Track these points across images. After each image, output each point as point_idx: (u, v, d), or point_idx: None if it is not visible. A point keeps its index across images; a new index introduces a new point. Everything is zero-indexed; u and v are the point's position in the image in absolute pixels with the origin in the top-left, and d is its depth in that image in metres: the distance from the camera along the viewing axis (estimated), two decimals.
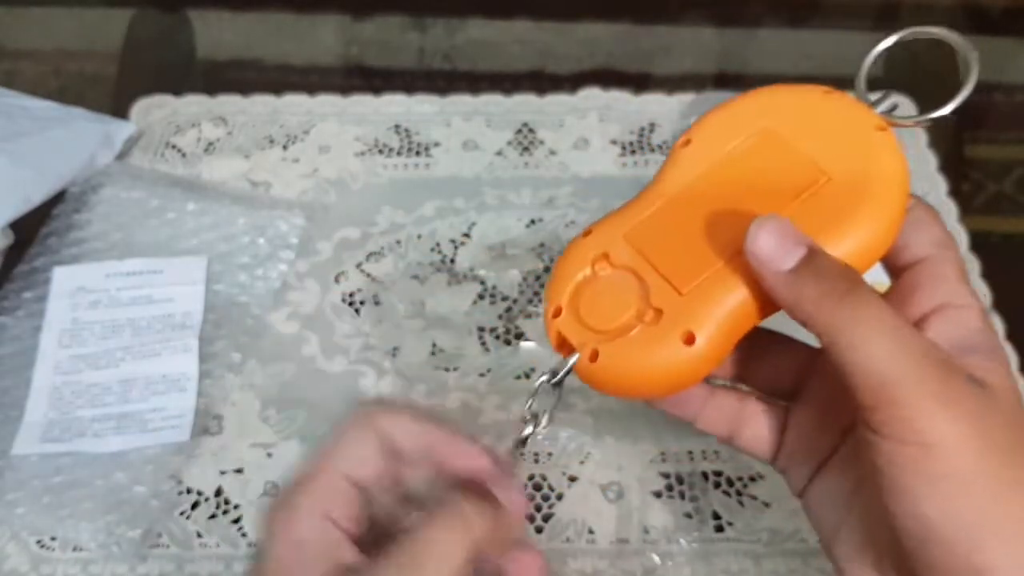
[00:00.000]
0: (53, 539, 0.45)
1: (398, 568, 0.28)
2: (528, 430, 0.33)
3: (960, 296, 0.30)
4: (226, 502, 0.47)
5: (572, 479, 0.47)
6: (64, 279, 0.54)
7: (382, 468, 0.32)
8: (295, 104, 0.66)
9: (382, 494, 0.33)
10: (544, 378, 0.33)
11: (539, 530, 0.45)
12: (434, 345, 0.52)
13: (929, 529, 0.25)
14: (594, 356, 0.32)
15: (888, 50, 0.36)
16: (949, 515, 0.25)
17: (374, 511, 0.33)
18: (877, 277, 0.52)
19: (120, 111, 0.65)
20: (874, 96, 0.34)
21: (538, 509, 0.46)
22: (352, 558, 0.30)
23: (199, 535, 0.46)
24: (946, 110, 0.31)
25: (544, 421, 0.34)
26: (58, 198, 0.58)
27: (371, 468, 0.32)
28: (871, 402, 0.26)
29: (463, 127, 0.64)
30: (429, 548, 0.28)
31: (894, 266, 0.32)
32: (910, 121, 0.33)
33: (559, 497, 0.47)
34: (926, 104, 0.33)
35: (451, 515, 0.29)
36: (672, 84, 0.64)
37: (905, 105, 0.65)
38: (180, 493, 0.47)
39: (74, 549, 0.45)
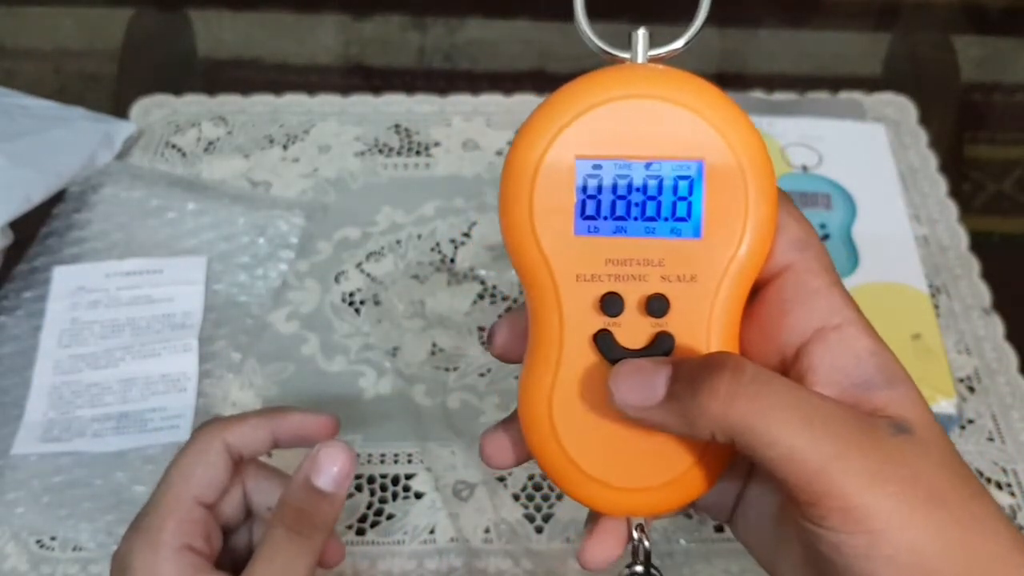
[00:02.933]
0: (53, 539, 0.45)
1: None
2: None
3: (836, 311, 0.26)
4: None
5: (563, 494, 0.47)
6: (64, 279, 0.54)
7: (228, 482, 0.36)
8: (295, 104, 0.66)
9: (228, 505, 0.37)
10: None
11: (539, 530, 0.45)
12: (434, 345, 0.52)
13: None
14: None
15: (888, 50, 0.35)
16: None
17: (224, 520, 0.37)
18: (918, 283, 0.52)
19: (120, 111, 0.65)
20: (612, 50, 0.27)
21: (538, 509, 0.46)
22: None
23: None
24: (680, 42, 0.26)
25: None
26: (58, 198, 0.58)
27: (219, 487, 0.35)
28: (807, 498, 0.23)
29: (463, 127, 0.64)
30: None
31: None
32: (664, 51, 0.27)
33: (559, 497, 0.47)
34: (926, 104, 0.33)
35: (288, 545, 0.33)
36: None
37: (905, 105, 0.65)
38: None
39: (74, 549, 0.45)
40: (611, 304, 0.26)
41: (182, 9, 0.75)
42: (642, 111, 0.26)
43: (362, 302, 0.55)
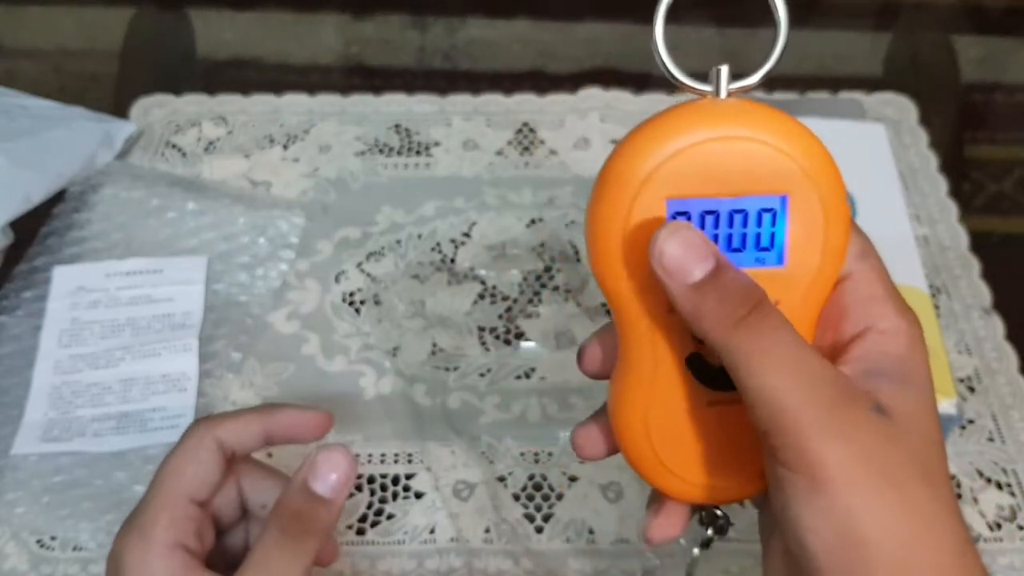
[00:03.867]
0: (53, 539, 0.45)
1: None
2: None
3: (886, 318, 0.28)
4: None
5: (572, 479, 0.47)
6: (64, 279, 0.54)
7: (220, 479, 0.36)
8: (295, 103, 0.66)
9: (223, 503, 0.37)
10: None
11: (539, 530, 0.45)
12: (434, 345, 0.52)
13: (812, 559, 0.25)
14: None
15: (888, 50, 0.35)
16: (832, 550, 0.24)
17: (217, 518, 0.36)
18: (918, 283, 0.52)
19: (120, 110, 0.65)
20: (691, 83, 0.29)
21: (538, 509, 0.46)
22: None
23: None
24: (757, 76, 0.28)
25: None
26: (58, 198, 0.58)
27: (212, 485, 0.35)
28: (767, 427, 0.25)
29: (463, 127, 0.64)
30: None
31: None
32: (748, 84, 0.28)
33: (559, 497, 0.47)
34: (926, 104, 0.33)
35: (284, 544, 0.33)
36: (673, 84, 0.64)
37: (905, 105, 0.65)
38: None
39: (74, 549, 0.45)
40: None
41: (182, 9, 0.75)
42: (727, 148, 0.27)
43: (362, 302, 0.55)
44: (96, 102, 0.64)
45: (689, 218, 0.27)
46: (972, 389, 0.51)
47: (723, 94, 0.28)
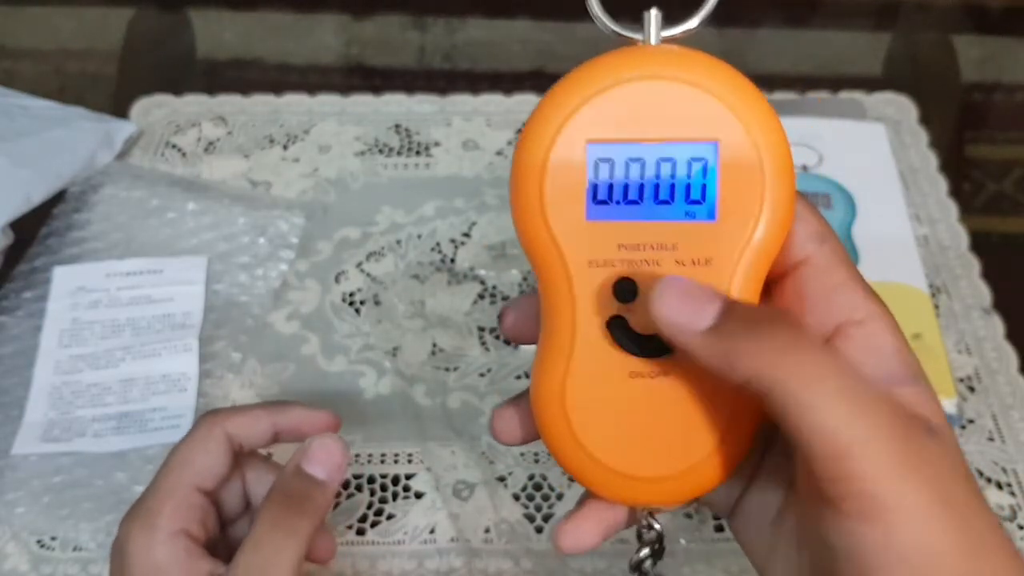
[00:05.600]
0: (53, 539, 0.45)
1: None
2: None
3: (859, 305, 0.26)
4: None
5: (572, 479, 0.47)
6: (64, 279, 0.54)
7: (227, 472, 0.36)
8: (295, 104, 0.66)
9: (228, 496, 0.37)
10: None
11: (539, 530, 0.45)
12: (434, 345, 0.52)
13: None
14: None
15: (888, 50, 0.35)
16: None
17: (221, 510, 0.37)
18: (918, 283, 0.52)
19: (120, 111, 0.65)
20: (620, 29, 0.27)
21: (538, 509, 0.46)
22: (207, 568, 0.33)
23: None
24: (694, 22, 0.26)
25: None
26: (58, 198, 0.58)
27: (219, 476, 0.36)
28: (830, 473, 0.22)
29: (463, 127, 0.64)
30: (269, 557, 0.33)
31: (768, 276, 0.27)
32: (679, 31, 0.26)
33: (559, 497, 0.47)
34: (926, 104, 0.33)
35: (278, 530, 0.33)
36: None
37: (905, 105, 0.65)
38: None
39: (74, 549, 0.45)
40: (624, 290, 0.26)
41: (182, 9, 0.75)
42: (654, 93, 0.25)
43: (362, 302, 0.55)
44: (96, 102, 0.64)
45: (613, 165, 0.25)
46: (972, 389, 0.50)
47: (654, 40, 0.26)
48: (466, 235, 0.58)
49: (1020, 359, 0.51)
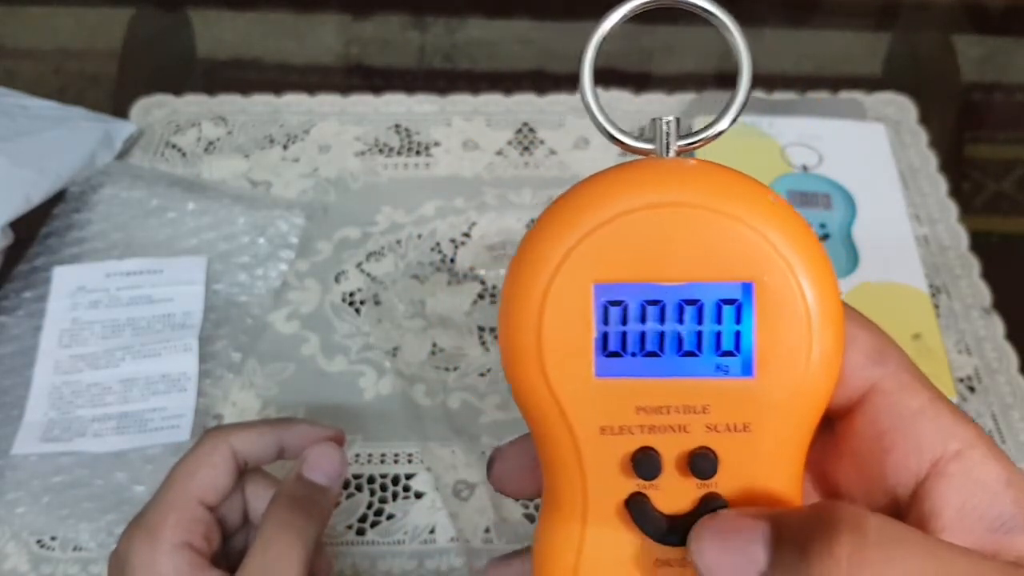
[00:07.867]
0: (53, 539, 0.45)
1: None
2: None
3: (951, 432, 0.21)
4: None
5: None
6: (64, 279, 0.54)
7: (231, 486, 0.37)
8: (295, 104, 0.66)
9: (228, 510, 0.37)
10: None
11: None
12: (434, 345, 0.52)
13: None
14: None
15: (888, 50, 0.34)
16: None
17: (223, 524, 0.37)
18: (918, 283, 0.52)
19: (120, 111, 0.65)
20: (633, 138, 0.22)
21: (538, 509, 0.46)
22: None
23: None
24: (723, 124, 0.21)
25: None
26: (58, 198, 0.58)
27: (223, 491, 0.36)
28: None
29: (463, 127, 0.64)
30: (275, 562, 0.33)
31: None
32: (697, 142, 0.22)
33: None
34: (926, 104, 0.32)
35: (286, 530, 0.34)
36: (672, 84, 0.64)
37: (905, 105, 0.65)
38: None
39: (74, 549, 0.45)
40: (645, 463, 0.21)
41: (182, 9, 0.75)
42: (673, 220, 0.21)
43: (362, 302, 0.55)
44: (96, 102, 0.64)
45: (626, 309, 0.21)
46: (972, 389, 0.50)
47: (670, 152, 0.21)
48: (466, 235, 0.58)
49: (1020, 359, 0.51)
